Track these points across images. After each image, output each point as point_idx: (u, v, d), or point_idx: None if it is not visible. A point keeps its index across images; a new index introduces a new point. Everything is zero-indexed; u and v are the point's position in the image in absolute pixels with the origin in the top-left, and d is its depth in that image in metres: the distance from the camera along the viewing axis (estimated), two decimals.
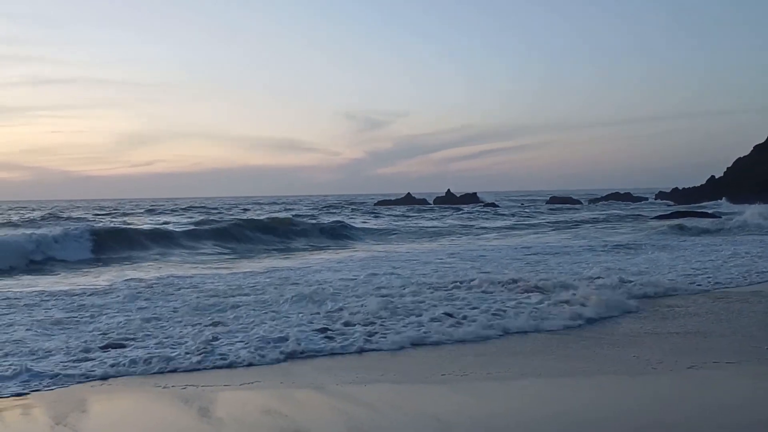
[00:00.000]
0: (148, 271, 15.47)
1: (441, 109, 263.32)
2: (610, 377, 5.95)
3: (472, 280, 11.06)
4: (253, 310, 9.04)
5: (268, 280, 12.57)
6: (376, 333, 7.55)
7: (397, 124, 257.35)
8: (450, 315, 8.37)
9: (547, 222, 36.82)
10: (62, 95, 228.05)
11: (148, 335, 7.54)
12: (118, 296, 10.51)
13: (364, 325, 7.86)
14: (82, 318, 8.68)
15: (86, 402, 5.39)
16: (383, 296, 9.78)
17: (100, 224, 27.04)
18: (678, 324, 8.14)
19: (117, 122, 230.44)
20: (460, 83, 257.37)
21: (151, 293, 10.89)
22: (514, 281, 10.79)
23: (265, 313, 8.81)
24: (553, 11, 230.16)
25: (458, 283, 10.89)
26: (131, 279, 13.03)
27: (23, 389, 5.62)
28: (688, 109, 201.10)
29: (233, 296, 10.39)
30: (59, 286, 12.24)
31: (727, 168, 63.39)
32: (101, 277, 14.02)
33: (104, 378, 5.97)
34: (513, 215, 45.71)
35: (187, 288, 11.52)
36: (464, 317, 8.30)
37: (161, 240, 22.80)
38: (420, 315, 8.41)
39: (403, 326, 7.85)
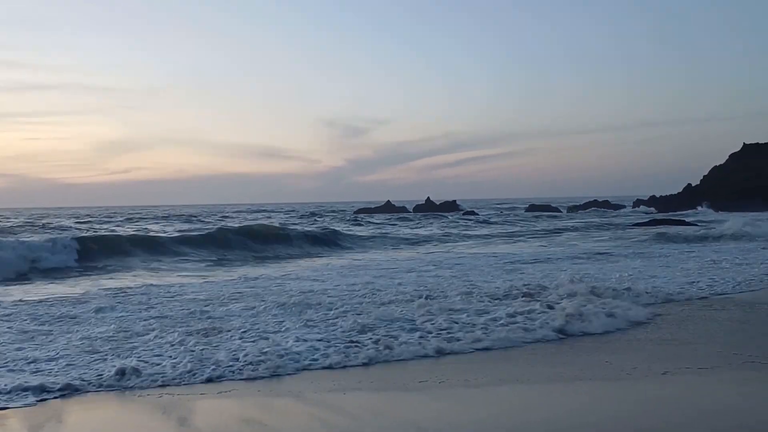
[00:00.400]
0: (134, 279, 15.41)
1: (422, 116, 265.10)
2: (589, 384, 6.02)
3: (461, 289, 11.18)
4: (250, 319, 8.90)
5: (257, 289, 12.45)
6: (381, 342, 7.42)
7: (377, 131, 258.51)
8: (456, 324, 8.27)
9: (530, 230, 36.96)
10: (42, 101, 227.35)
11: (134, 347, 7.36)
12: (104, 305, 10.39)
13: (369, 335, 7.76)
14: (61, 328, 8.58)
15: (62, 415, 5.34)
16: (382, 305, 9.79)
17: (86, 232, 26.83)
18: (650, 330, 8.25)
19: (98, 129, 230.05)
20: (442, 90, 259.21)
21: (137, 302, 10.79)
22: (516, 290, 10.83)
23: (262, 323, 8.68)
24: (536, 18, 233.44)
25: (453, 293, 10.88)
26: (116, 288, 12.93)
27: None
28: (668, 117, 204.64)
29: (224, 305, 10.29)
30: (40, 296, 12.09)
31: (704, 176, 64.36)
32: (85, 286, 13.83)
33: (86, 391, 5.87)
34: (494, 223, 45.78)
35: (175, 296, 11.44)
36: (473, 325, 8.22)
37: (148, 248, 22.44)
38: (430, 325, 8.31)
39: (410, 336, 7.74)
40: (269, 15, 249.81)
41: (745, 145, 62.75)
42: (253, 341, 7.49)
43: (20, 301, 11.29)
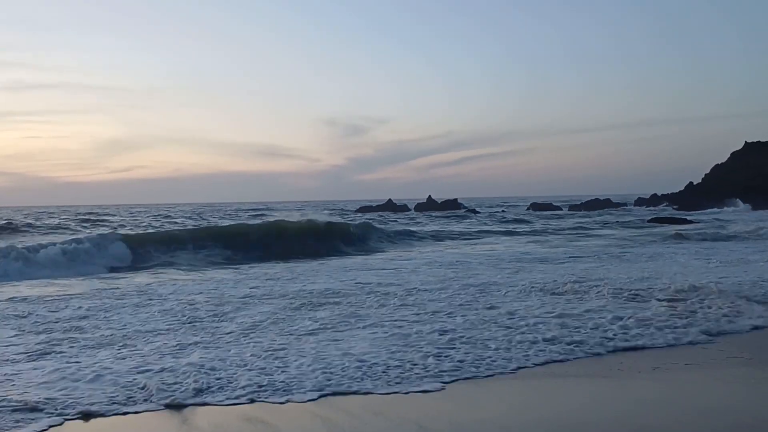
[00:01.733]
0: (185, 276, 15.66)
1: (423, 115, 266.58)
2: (582, 380, 6.07)
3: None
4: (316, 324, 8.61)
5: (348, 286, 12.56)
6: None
7: (378, 130, 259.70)
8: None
9: (544, 229, 36.47)
10: (42, 101, 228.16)
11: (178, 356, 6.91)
12: (155, 304, 10.59)
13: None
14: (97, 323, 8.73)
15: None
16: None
17: (129, 230, 26.68)
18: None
19: (98, 128, 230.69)
20: (443, 89, 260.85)
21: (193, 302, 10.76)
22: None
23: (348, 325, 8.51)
24: (536, 17, 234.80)
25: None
26: (162, 283, 13.30)
27: None
28: (669, 116, 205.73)
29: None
30: (83, 293, 11.94)
31: (705, 174, 65.01)
32: (141, 281, 14.12)
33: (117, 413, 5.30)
34: (509, 221, 45.10)
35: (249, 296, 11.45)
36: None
37: (192, 245, 21.91)
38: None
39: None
40: (270, 15, 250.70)
41: (746, 143, 63.19)
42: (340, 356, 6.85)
43: (65, 296, 11.37)
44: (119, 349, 7.34)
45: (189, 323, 8.94)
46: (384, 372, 6.23)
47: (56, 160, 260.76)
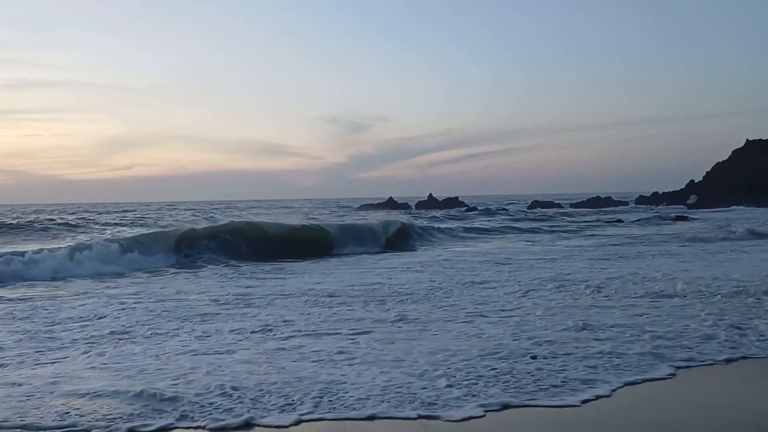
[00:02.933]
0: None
1: (424, 113, 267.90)
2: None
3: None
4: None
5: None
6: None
7: (379, 128, 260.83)
8: None
9: (551, 227, 35.90)
10: (44, 99, 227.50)
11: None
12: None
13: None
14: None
15: None
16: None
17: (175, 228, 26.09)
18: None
19: (99, 126, 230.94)
20: (443, 87, 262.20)
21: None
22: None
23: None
24: (535, 16, 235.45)
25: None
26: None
27: None
28: (670, 114, 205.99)
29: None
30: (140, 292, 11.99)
31: (707, 172, 65.41)
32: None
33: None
34: (525, 219, 44.21)
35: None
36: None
37: (234, 242, 20.95)
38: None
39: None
40: (270, 15, 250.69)
41: (748, 141, 62.83)
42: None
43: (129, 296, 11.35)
44: (155, 354, 6.86)
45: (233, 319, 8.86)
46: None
47: (57, 158, 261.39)
